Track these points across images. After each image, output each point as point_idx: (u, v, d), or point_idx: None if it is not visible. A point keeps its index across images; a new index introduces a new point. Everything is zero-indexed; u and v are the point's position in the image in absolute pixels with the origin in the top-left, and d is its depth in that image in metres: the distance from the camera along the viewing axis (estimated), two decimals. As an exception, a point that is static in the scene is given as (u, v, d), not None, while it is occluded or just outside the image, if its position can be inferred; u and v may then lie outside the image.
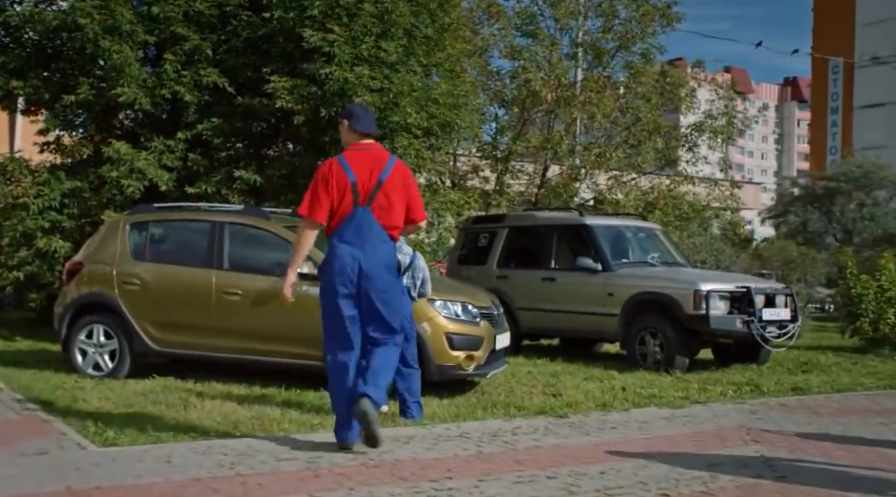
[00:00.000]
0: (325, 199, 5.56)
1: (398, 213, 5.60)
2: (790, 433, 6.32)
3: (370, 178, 5.55)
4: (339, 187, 5.56)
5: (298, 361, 8.40)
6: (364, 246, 5.50)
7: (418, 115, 12.31)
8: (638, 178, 20.84)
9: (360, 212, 5.52)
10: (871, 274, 14.19)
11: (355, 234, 5.52)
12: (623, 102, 19.75)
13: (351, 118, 5.89)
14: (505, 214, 13.94)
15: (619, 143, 19.88)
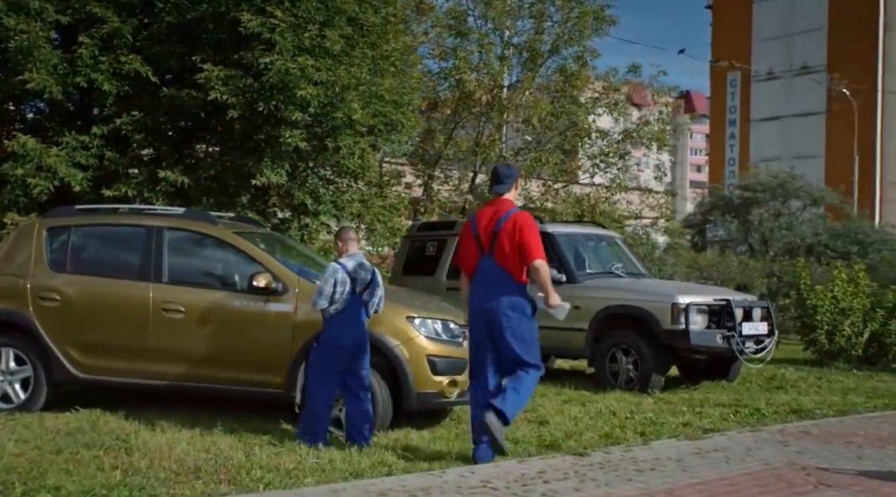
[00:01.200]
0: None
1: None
2: (851, 472, 5.58)
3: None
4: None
5: (252, 389, 7.22)
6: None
7: (364, 111, 11.25)
8: (569, 186, 20.25)
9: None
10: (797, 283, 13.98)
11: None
12: (558, 106, 19.03)
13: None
14: (455, 221, 12.95)
15: (552, 148, 19.16)
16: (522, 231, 6.01)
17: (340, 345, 6.56)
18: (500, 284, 6.03)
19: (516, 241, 6.00)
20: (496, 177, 6.42)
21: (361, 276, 6.72)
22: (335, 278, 6.62)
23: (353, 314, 6.64)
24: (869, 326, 13.64)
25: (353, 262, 6.75)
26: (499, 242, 6.05)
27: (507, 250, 6.03)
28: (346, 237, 6.88)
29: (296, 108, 10.60)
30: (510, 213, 6.12)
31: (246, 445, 6.33)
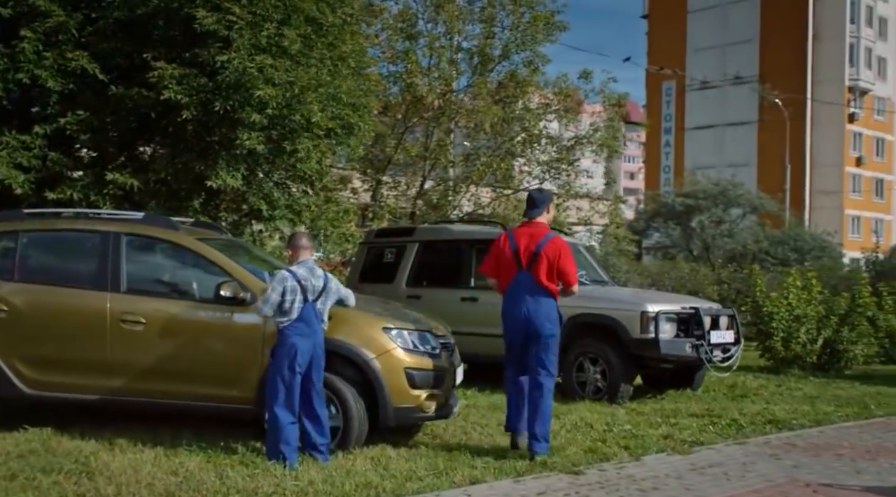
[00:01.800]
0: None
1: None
2: (856, 488, 5.44)
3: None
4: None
5: (219, 405, 6.81)
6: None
7: (322, 113, 10.87)
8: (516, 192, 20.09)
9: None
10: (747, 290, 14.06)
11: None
12: (509, 111, 18.85)
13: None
14: (415, 227, 12.65)
15: (503, 153, 18.97)
16: (564, 257, 6.89)
17: (297, 356, 6.21)
18: (537, 298, 6.83)
19: (556, 265, 6.85)
20: (531, 202, 7.19)
21: (312, 284, 6.37)
22: (284, 286, 6.29)
23: (307, 323, 6.30)
24: (822, 333, 13.76)
25: (304, 269, 6.41)
26: (538, 262, 6.84)
27: (545, 269, 6.84)
28: (298, 244, 6.55)
29: (253, 109, 10.18)
30: (549, 237, 6.95)
31: (217, 466, 5.93)
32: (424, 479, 5.73)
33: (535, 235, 6.94)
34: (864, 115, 62.72)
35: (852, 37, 61.91)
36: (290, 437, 6.23)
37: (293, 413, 6.22)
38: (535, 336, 6.83)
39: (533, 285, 6.85)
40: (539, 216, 7.07)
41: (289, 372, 6.18)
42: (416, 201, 19.39)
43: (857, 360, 14.01)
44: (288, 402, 6.20)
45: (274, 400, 6.20)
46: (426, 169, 19.64)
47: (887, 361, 15.53)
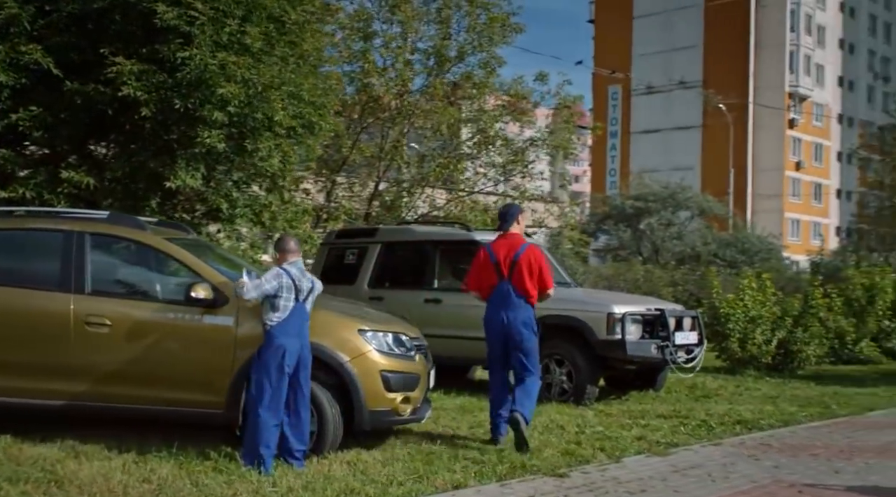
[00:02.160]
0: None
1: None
2: (839, 488, 5.49)
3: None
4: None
5: (188, 410, 6.61)
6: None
7: (284, 112, 10.69)
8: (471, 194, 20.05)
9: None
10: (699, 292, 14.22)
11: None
12: (466, 113, 18.81)
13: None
14: (377, 228, 12.51)
15: (459, 155, 18.92)
16: (541, 264, 7.40)
17: (286, 357, 6.09)
18: (516, 305, 7.25)
19: (534, 270, 7.32)
20: (502, 217, 7.78)
21: (305, 285, 6.31)
22: (280, 282, 6.17)
23: (297, 324, 6.21)
24: (777, 334, 13.97)
25: (296, 269, 6.33)
26: (518, 270, 7.29)
27: (525, 276, 7.28)
28: (287, 247, 6.44)
29: (214, 107, 9.97)
30: (526, 246, 7.41)
31: (190, 473, 5.75)
32: (405, 484, 5.63)
33: (513, 246, 7.43)
34: (804, 121, 64.16)
35: (792, 44, 63.28)
36: (271, 440, 6.07)
37: (277, 415, 6.07)
38: (514, 342, 7.26)
39: (513, 294, 7.30)
40: (512, 228, 7.57)
41: (277, 372, 6.03)
42: (370, 202, 19.23)
43: (809, 360, 14.25)
44: (273, 403, 6.04)
45: (259, 401, 6.03)
46: (381, 170, 19.49)
47: (836, 362, 15.82)
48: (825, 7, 66.43)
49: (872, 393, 11.22)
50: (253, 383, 6.09)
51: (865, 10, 70.90)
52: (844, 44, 68.94)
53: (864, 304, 16.59)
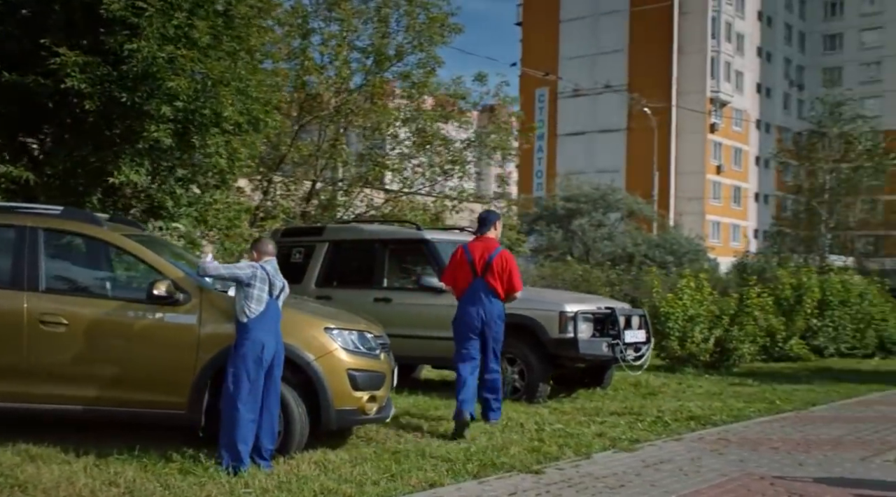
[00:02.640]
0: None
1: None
2: (807, 479, 5.64)
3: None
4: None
5: (149, 411, 6.43)
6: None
7: (233, 108, 10.51)
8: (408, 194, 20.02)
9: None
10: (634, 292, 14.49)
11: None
12: (406, 113, 18.76)
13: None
14: (324, 227, 12.34)
15: (401, 155, 18.87)
16: (511, 267, 8.16)
17: (263, 352, 6.00)
18: (490, 300, 8.06)
19: (506, 273, 8.09)
20: (482, 221, 8.49)
21: (278, 283, 6.25)
22: (254, 272, 6.07)
23: (272, 320, 6.14)
24: (714, 332, 14.29)
25: (271, 267, 6.24)
26: (491, 270, 8.07)
27: (496, 276, 8.08)
28: (265, 249, 6.38)
29: (162, 102, 9.74)
30: (499, 250, 8.22)
31: (157, 475, 5.59)
32: (380, 484, 5.58)
33: (487, 248, 8.21)
34: (724, 126, 65.87)
35: (713, 51, 64.88)
36: (249, 435, 5.96)
37: (255, 410, 5.95)
38: (488, 332, 8.05)
39: (486, 290, 8.07)
40: (489, 232, 8.38)
41: (255, 366, 5.92)
42: (308, 201, 19.02)
43: (744, 358, 14.62)
44: (252, 397, 5.93)
45: (237, 395, 5.91)
46: (318, 169, 19.31)
47: (768, 359, 16.27)
48: (744, 16, 68.33)
49: (809, 389, 11.56)
50: (230, 377, 5.96)
51: (782, 19, 73.16)
52: (762, 52, 71.01)
53: (793, 304, 17.12)
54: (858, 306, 18.15)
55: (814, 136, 34.81)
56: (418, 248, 10.94)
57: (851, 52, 74.29)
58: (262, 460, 6.04)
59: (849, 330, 17.83)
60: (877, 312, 18.58)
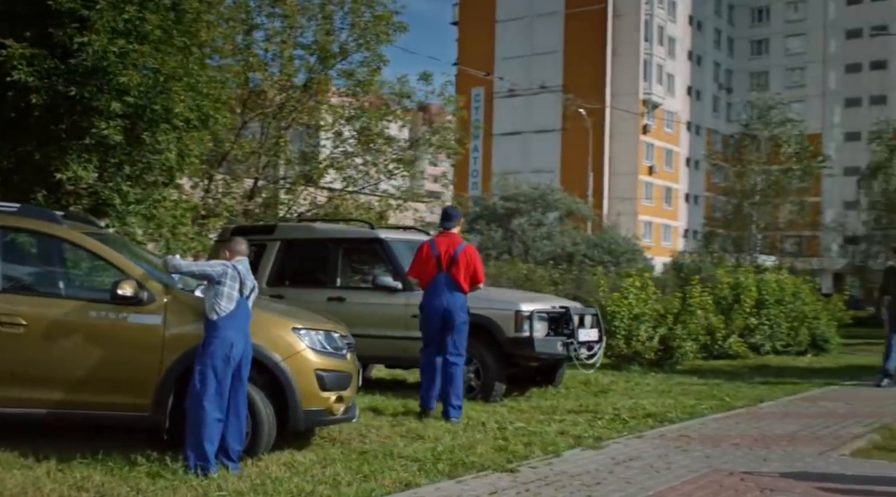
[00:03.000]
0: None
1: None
2: (774, 474, 5.78)
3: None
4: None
5: (111, 413, 6.29)
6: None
7: (184, 104, 10.33)
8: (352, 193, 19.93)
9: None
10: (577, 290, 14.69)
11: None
12: (351, 111, 18.67)
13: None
14: (275, 225, 12.21)
15: (345, 153, 18.77)
16: (475, 261, 8.65)
17: (232, 351, 5.91)
18: (453, 293, 8.48)
19: (470, 267, 8.53)
20: (446, 216, 8.91)
21: (248, 283, 6.19)
22: (225, 270, 5.99)
23: (242, 319, 6.07)
24: (658, 331, 14.55)
25: (242, 266, 6.17)
26: (456, 264, 8.49)
27: (461, 270, 8.49)
28: (238, 249, 6.28)
29: (112, 97, 9.53)
30: (463, 245, 8.66)
31: (126, 479, 5.47)
32: (353, 485, 5.54)
33: (452, 243, 8.63)
34: (656, 128, 67.08)
35: (646, 54, 66.03)
36: (215, 435, 5.86)
37: (221, 410, 5.86)
38: (450, 323, 8.43)
39: (450, 283, 8.48)
40: (453, 228, 8.81)
41: (223, 364, 5.83)
42: (253, 199, 18.78)
43: (687, 356, 14.92)
44: (218, 396, 5.83)
45: (203, 393, 5.81)
46: (260, 166, 19.09)
47: (707, 357, 16.61)
48: (675, 20, 69.69)
49: (752, 386, 11.85)
50: (197, 375, 5.86)
51: (711, 24, 74.83)
52: (693, 55, 72.51)
53: (731, 303, 17.52)
54: (792, 305, 18.66)
55: (745, 138, 35.79)
56: (372, 247, 10.90)
57: (777, 57, 76.43)
58: (230, 462, 5.96)
59: (783, 328, 18.32)
60: (809, 311, 19.13)
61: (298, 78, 18.94)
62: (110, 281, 6.35)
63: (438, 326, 8.48)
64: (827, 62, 74.74)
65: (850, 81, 74.26)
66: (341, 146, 19.50)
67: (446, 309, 8.44)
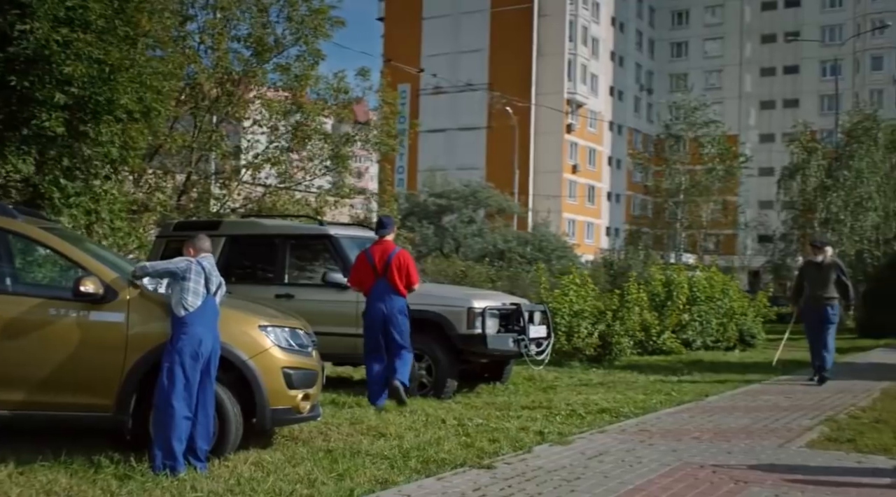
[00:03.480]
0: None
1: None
2: (742, 467, 5.92)
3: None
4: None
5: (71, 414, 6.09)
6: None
7: (128, 96, 10.06)
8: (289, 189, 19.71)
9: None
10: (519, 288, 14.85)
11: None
12: (287, 106, 18.43)
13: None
14: (220, 221, 11.98)
15: (283, 147, 18.53)
16: (408, 265, 9.08)
17: (200, 347, 5.81)
18: (392, 297, 8.95)
19: (403, 270, 8.99)
20: (381, 224, 9.40)
21: (214, 279, 6.09)
22: (189, 265, 5.88)
23: (210, 316, 5.97)
24: (598, 327, 14.77)
25: (207, 262, 6.07)
26: (390, 269, 8.96)
27: (396, 275, 8.95)
28: (200, 246, 6.16)
29: (55, 87, 9.22)
30: (396, 251, 9.13)
31: (93, 481, 5.30)
32: (329, 484, 5.48)
33: (386, 250, 9.09)
34: (580, 127, 68.00)
35: (570, 54, 66.89)
36: (184, 433, 5.73)
37: (190, 407, 5.74)
38: (390, 325, 8.89)
39: (388, 288, 8.97)
40: (388, 235, 9.25)
41: (191, 360, 5.71)
42: (188, 194, 18.40)
43: (625, 352, 15.19)
44: (187, 393, 5.71)
45: (171, 391, 5.67)
46: (193, 160, 18.71)
47: (642, 353, 16.92)
48: (599, 21, 70.76)
49: (693, 380, 12.11)
50: (164, 373, 5.72)
51: (633, 26, 76.24)
52: (615, 56, 73.75)
53: (664, 300, 17.89)
54: (721, 302, 19.14)
55: (670, 138, 36.60)
56: (322, 244, 10.79)
57: (696, 59, 78.33)
58: (198, 461, 5.83)
59: (713, 324, 18.78)
60: (737, 307, 19.66)
61: (234, 71, 18.64)
62: (69, 277, 6.15)
63: (380, 331, 8.93)
64: (743, 65, 76.93)
65: (765, 84, 76.65)
66: (276, 141, 19.26)
67: (386, 314, 8.88)
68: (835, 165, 31.53)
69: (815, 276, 12.14)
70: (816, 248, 12.45)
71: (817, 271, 12.14)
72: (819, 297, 11.99)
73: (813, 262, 12.34)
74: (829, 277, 12.00)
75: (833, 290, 12.01)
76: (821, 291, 11.99)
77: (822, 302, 11.96)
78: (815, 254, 12.30)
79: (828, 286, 11.98)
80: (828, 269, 12.05)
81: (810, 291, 12.22)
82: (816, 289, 12.07)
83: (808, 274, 12.40)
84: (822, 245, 12.44)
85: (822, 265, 12.09)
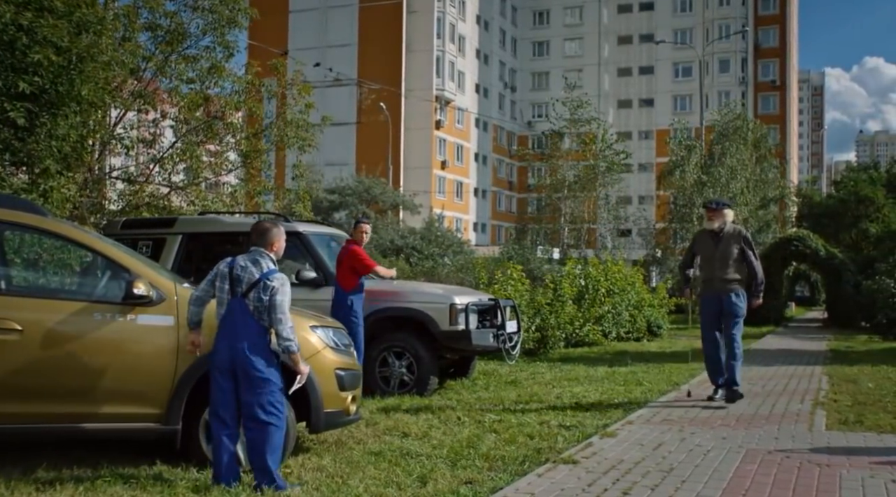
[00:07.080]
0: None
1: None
2: (804, 450, 6.14)
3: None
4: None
5: (118, 425, 5.70)
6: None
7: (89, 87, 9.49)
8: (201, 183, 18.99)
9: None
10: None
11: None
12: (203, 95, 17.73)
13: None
14: (175, 218, 11.38)
15: (200, 141, 17.82)
16: (353, 257, 9.38)
17: (214, 360, 5.40)
18: (336, 291, 9.50)
19: (344, 265, 9.39)
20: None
21: (247, 277, 5.51)
22: (213, 274, 5.55)
23: (231, 322, 5.41)
24: (536, 321, 15.00)
25: (243, 258, 5.62)
26: (341, 265, 9.47)
27: (342, 269, 9.43)
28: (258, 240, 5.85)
29: (18, 76, 8.58)
30: (347, 249, 9.54)
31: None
32: (411, 488, 5.35)
33: (343, 249, 9.48)
34: (448, 123, 68.60)
35: (439, 51, 67.35)
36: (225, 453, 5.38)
37: (221, 422, 5.37)
38: (336, 315, 8.78)
39: (336, 285, 9.44)
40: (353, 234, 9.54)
41: (213, 378, 5.42)
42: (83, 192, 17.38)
43: (558, 344, 15.48)
44: (218, 413, 5.38)
45: (210, 406, 5.45)
46: (96, 153, 17.73)
47: (567, 345, 17.29)
48: (465, 19, 71.57)
49: (645, 370, 12.46)
50: None
51: (497, 24, 77.54)
52: (480, 54, 74.80)
53: (582, 292, 18.32)
54: (630, 293, 19.79)
55: (555, 135, 37.53)
56: (291, 241, 10.43)
57: (557, 59, 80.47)
58: (227, 477, 5.46)
59: (625, 315, 19.39)
60: (646, 299, 20.40)
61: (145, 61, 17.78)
62: (111, 280, 5.75)
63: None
64: (601, 65, 79.62)
65: (622, 84, 79.62)
66: (186, 137, 18.50)
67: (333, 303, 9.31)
68: (709, 162, 33.24)
69: (711, 251, 9.04)
70: (712, 210, 9.16)
71: (713, 243, 9.05)
72: (716, 279, 8.93)
73: (708, 232, 9.18)
74: (729, 252, 8.93)
75: (735, 271, 8.92)
76: (719, 272, 8.92)
77: (722, 287, 8.89)
78: (711, 218, 9.09)
79: (728, 265, 8.91)
80: (728, 241, 8.98)
81: (704, 273, 9.16)
82: (713, 268, 8.98)
83: (702, 248, 9.23)
84: (719, 207, 9.15)
85: (721, 235, 9.01)
